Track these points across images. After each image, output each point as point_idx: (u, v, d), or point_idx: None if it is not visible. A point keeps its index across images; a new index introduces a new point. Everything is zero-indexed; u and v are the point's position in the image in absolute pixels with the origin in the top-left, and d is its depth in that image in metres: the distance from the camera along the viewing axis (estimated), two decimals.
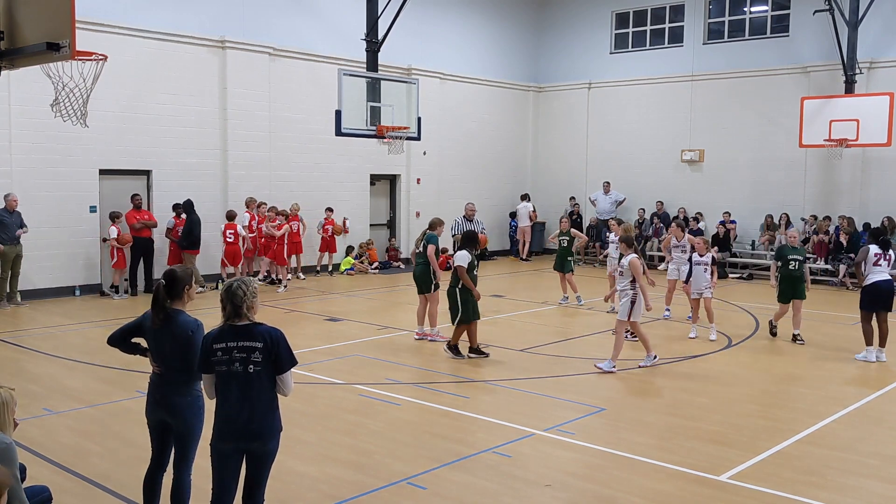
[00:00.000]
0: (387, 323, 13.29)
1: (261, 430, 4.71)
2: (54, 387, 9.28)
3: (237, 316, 4.71)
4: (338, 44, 19.47)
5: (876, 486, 6.55)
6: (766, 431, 7.87)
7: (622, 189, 23.19)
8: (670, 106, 22.76)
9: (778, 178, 21.05)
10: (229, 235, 16.92)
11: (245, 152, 18.30)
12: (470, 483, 6.46)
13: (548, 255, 24.05)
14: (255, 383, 4.66)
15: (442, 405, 8.65)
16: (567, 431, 7.77)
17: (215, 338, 4.71)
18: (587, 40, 24.56)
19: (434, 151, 22.33)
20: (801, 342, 11.96)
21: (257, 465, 4.82)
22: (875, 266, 10.89)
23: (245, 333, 4.68)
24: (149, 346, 5.31)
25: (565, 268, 15.42)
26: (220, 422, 4.73)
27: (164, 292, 5.13)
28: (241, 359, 4.64)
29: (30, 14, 6.72)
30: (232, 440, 4.72)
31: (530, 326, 13.43)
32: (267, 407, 4.72)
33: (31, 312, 14.17)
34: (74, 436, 7.59)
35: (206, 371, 4.77)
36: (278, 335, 4.72)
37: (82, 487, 6.31)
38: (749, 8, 21.94)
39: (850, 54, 18.92)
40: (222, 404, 4.72)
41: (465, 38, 23.42)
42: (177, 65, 17.11)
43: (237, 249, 17.02)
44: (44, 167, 15.37)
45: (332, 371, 10.11)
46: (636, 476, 6.67)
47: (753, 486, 6.43)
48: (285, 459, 5.50)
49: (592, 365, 10.29)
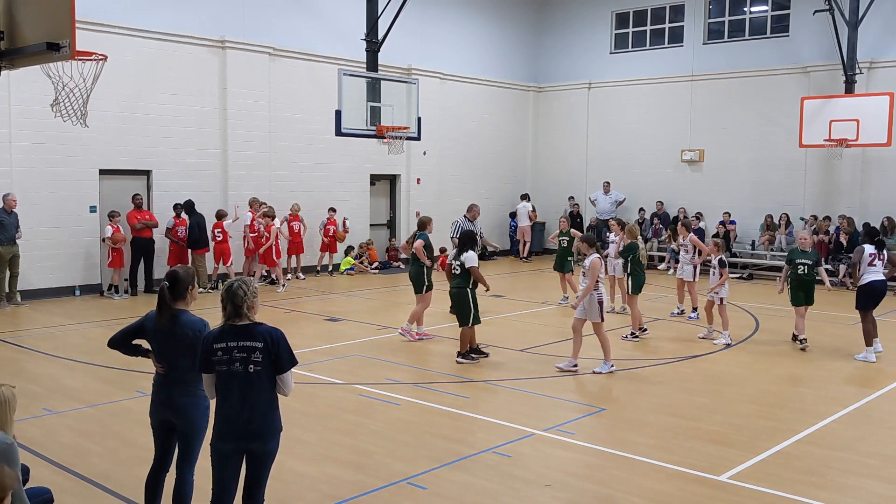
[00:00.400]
0: (387, 323, 13.29)
1: (261, 430, 4.71)
2: (54, 387, 9.28)
3: (237, 316, 4.71)
4: (338, 44, 19.47)
5: (876, 486, 6.55)
6: (766, 431, 7.87)
7: (622, 189, 23.19)
8: (670, 106, 22.76)
9: (778, 178, 21.05)
10: (218, 234, 17.09)
11: (245, 152, 18.31)
12: (470, 483, 6.46)
13: (548, 255, 24.05)
14: (256, 383, 4.66)
15: (442, 405, 8.65)
16: (567, 431, 7.77)
17: (216, 337, 4.71)
18: (587, 40, 24.56)
19: (434, 151, 22.33)
20: (805, 346, 11.65)
21: (257, 465, 4.82)
22: (870, 266, 10.94)
23: (245, 333, 4.67)
24: (152, 347, 5.31)
25: (565, 268, 15.42)
26: (220, 422, 4.73)
27: (169, 293, 5.14)
28: (241, 359, 4.64)
29: (30, 14, 6.72)
30: (232, 440, 4.72)
31: (530, 326, 13.43)
32: (267, 407, 4.72)
33: (31, 312, 14.18)
34: (74, 436, 7.60)
35: (206, 371, 4.76)
36: (279, 335, 4.72)
37: (82, 487, 6.31)
38: (749, 8, 21.94)
39: (850, 54, 18.92)
40: (222, 404, 4.72)
41: (465, 38, 23.42)
42: (177, 65, 17.12)
43: (226, 248, 17.17)
44: (44, 167, 15.37)
45: (332, 371, 10.11)
46: (636, 476, 6.67)
47: (753, 486, 6.42)
48: (285, 459, 5.50)
49: (592, 372, 10.20)
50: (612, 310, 14.72)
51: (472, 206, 14.27)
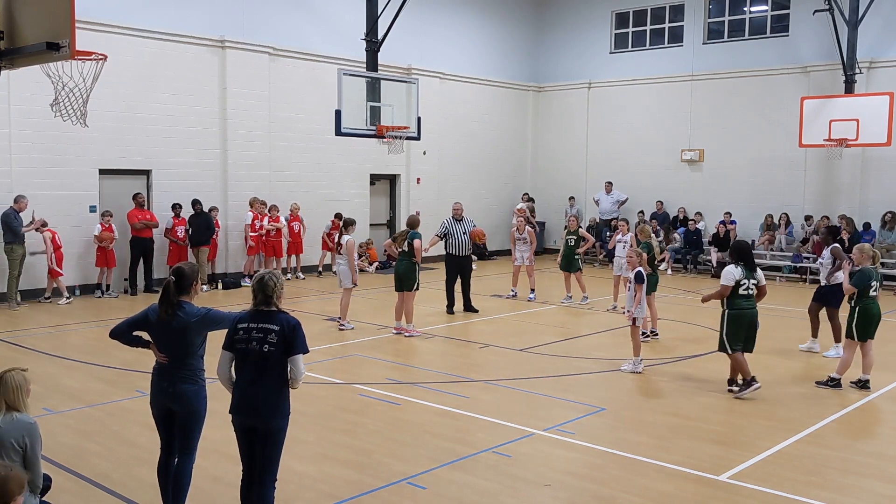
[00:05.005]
0: (387, 323, 13.28)
1: (265, 406, 5.09)
2: (54, 387, 9.28)
3: (266, 304, 5.19)
4: (338, 43, 19.47)
5: (876, 486, 6.55)
6: (766, 431, 7.87)
7: (622, 189, 23.18)
8: (670, 106, 22.76)
9: (778, 178, 21.04)
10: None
11: (245, 152, 18.30)
12: (470, 483, 6.46)
13: (548, 254, 24.07)
14: (268, 363, 5.08)
15: (442, 405, 8.65)
16: (567, 431, 7.77)
17: (241, 319, 5.22)
18: (587, 40, 24.56)
19: (434, 151, 22.33)
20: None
21: (262, 444, 5.16)
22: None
23: (266, 317, 5.15)
24: (153, 338, 5.48)
25: (572, 267, 15.42)
26: (234, 396, 5.21)
27: (174, 287, 5.37)
28: (258, 339, 5.09)
29: (30, 14, 6.72)
30: (240, 415, 5.18)
31: (530, 326, 13.43)
32: (275, 386, 5.11)
33: (31, 312, 14.17)
34: (74, 436, 7.59)
35: (228, 348, 5.21)
36: (295, 323, 5.17)
37: (82, 487, 6.32)
38: (749, 8, 21.93)
39: (850, 54, 18.92)
40: (238, 381, 5.20)
41: (465, 38, 23.41)
42: (177, 65, 17.11)
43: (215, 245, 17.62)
44: (44, 167, 15.36)
45: (332, 371, 10.11)
46: (636, 476, 6.67)
47: (753, 486, 6.43)
48: (285, 459, 5.50)
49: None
50: (613, 308, 14.76)
51: (453, 206, 15.08)
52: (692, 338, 12.47)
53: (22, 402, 4.80)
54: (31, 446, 4.75)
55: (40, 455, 4.87)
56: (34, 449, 4.77)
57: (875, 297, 9.42)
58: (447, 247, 14.58)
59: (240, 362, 5.18)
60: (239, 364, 5.19)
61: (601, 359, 10.93)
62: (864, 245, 9.84)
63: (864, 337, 9.44)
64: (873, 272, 9.41)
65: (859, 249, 9.67)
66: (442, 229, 14.69)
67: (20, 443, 4.70)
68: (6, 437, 4.67)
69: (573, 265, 15.43)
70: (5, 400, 4.76)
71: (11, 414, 4.75)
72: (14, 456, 4.66)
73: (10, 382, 4.78)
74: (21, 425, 4.73)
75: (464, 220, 14.68)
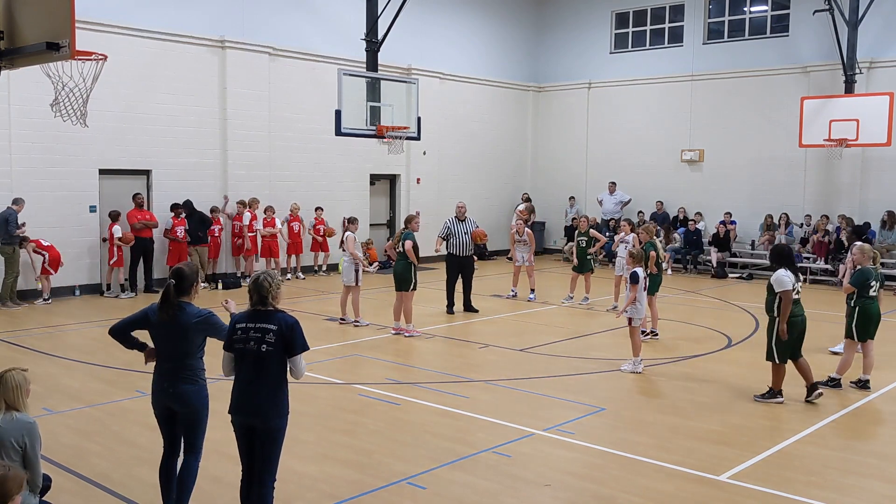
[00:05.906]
0: (386, 323, 13.28)
1: (262, 406, 5.13)
2: (54, 386, 9.28)
3: (262, 304, 5.22)
4: (338, 44, 19.46)
5: (876, 486, 6.55)
6: (766, 431, 7.87)
7: (622, 189, 23.17)
8: (670, 106, 22.75)
9: (778, 178, 21.04)
10: (216, 231, 17.58)
11: (245, 152, 18.30)
12: (470, 483, 6.46)
13: (548, 255, 24.07)
14: (266, 362, 5.12)
15: (442, 405, 8.65)
16: (567, 431, 7.77)
17: (239, 319, 5.26)
18: (587, 40, 24.55)
19: (434, 151, 22.32)
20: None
21: (260, 444, 5.18)
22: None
23: (264, 317, 5.19)
24: (154, 338, 5.52)
25: (585, 268, 15.49)
26: (233, 396, 5.24)
27: (174, 290, 5.39)
28: (256, 338, 5.13)
29: (29, 14, 6.72)
30: (239, 414, 5.21)
31: (530, 326, 13.43)
32: (273, 386, 5.15)
33: (31, 312, 14.18)
34: (74, 436, 7.59)
35: (227, 349, 5.26)
36: (293, 322, 5.21)
37: (82, 487, 6.32)
38: (749, 8, 21.93)
39: (850, 54, 18.92)
40: (236, 380, 5.25)
41: (464, 38, 23.40)
42: (177, 65, 17.11)
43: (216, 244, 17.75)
44: (44, 167, 15.36)
45: (331, 371, 10.11)
46: (636, 476, 6.67)
47: (753, 486, 6.43)
48: (285, 459, 5.51)
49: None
50: (613, 308, 14.75)
51: (456, 206, 15.07)
52: (692, 338, 12.48)
53: (22, 401, 4.82)
54: (30, 446, 4.77)
55: (40, 455, 4.89)
56: (34, 448, 4.79)
57: (875, 297, 9.41)
58: (449, 246, 14.59)
59: (238, 362, 5.22)
60: (238, 364, 5.23)
61: (601, 359, 10.93)
62: (864, 245, 9.85)
63: (864, 337, 9.44)
64: (873, 272, 9.41)
65: (860, 249, 9.67)
66: (444, 229, 14.69)
67: (20, 442, 4.72)
68: (6, 436, 4.69)
69: (585, 266, 15.51)
70: (5, 399, 4.78)
71: (11, 413, 4.77)
72: (14, 455, 4.67)
73: (9, 382, 4.81)
74: (21, 425, 4.75)
75: (467, 220, 14.69)
